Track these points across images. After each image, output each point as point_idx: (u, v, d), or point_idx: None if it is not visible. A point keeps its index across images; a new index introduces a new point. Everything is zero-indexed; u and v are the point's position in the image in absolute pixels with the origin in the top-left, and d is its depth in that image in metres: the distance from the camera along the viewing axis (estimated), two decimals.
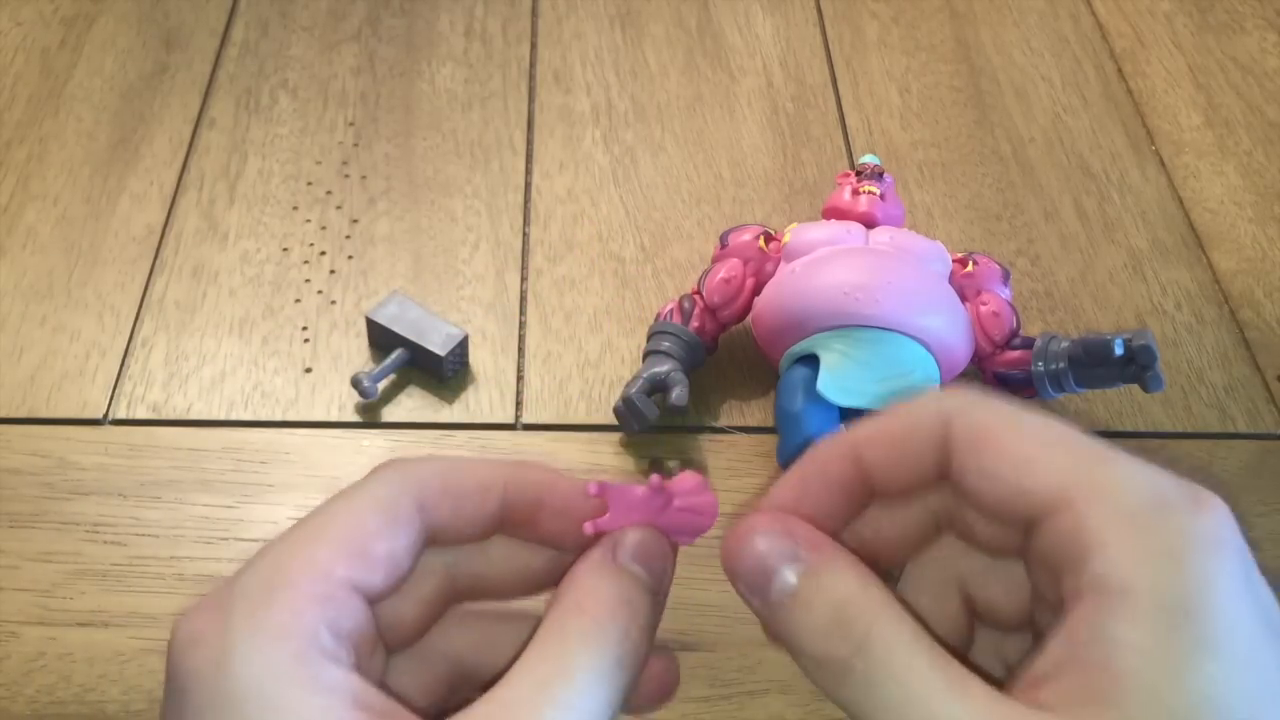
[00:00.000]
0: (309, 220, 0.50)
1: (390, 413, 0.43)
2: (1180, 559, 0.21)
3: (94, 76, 0.55)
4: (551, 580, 0.26)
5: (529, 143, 0.53)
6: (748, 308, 0.42)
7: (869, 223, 0.43)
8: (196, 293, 0.47)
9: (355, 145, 0.53)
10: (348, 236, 0.49)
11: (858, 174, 0.45)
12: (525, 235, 0.49)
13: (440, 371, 0.43)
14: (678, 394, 0.40)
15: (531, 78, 0.56)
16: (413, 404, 0.43)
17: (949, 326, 0.39)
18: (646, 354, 0.42)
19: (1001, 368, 0.41)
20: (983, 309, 0.41)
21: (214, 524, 0.40)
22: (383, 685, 0.23)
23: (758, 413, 0.44)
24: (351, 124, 0.54)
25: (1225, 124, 0.56)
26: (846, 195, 0.44)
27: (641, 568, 0.25)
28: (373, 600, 0.24)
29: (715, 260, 0.44)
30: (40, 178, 0.50)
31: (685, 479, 0.25)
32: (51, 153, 0.51)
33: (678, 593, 0.38)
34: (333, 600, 0.23)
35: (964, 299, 0.41)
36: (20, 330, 0.45)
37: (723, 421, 0.43)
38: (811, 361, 0.39)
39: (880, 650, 0.22)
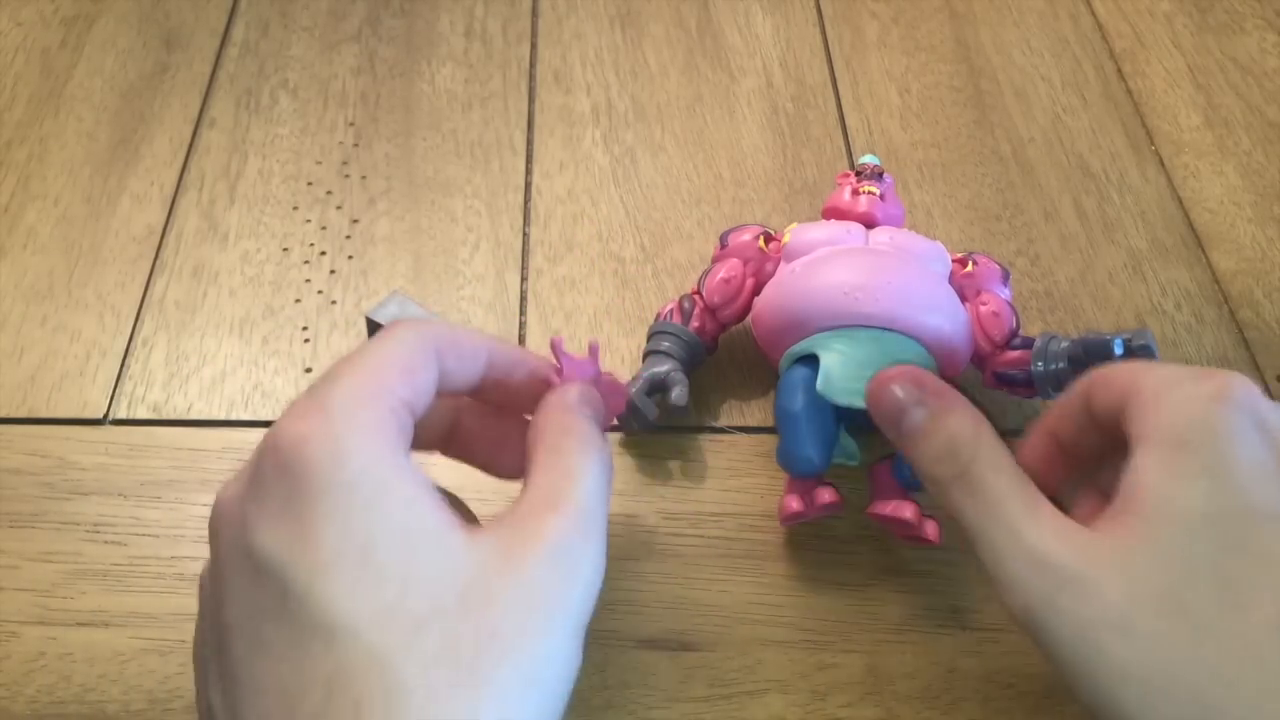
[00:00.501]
0: (309, 220, 0.50)
1: None
2: (1185, 411, 0.29)
3: (94, 76, 0.55)
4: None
5: (529, 143, 0.53)
6: (747, 308, 0.42)
7: (869, 223, 0.42)
8: (197, 293, 0.47)
9: (355, 145, 0.53)
10: (348, 236, 0.49)
11: (857, 174, 0.44)
12: (525, 235, 0.49)
13: None
14: (677, 394, 0.40)
15: (531, 78, 0.56)
16: None
17: (949, 325, 0.39)
18: (646, 354, 0.42)
19: (1001, 367, 0.41)
20: (982, 309, 0.41)
21: None
22: None
23: (758, 413, 0.44)
24: (352, 124, 0.54)
25: (1225, 124, 0.57)
26: (846, 195, 0.43)
27: (590, 410, 0.33)
28: (415, 418, 0.30)
29: (715, 260, 0.43)
30: (40, 178, 0.50)
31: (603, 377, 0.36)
32: (52, 153, 0.52)
33: (677, 592, 0.39)
34: (399, 413, 0.29)
35: (964, 299, 0.41)
36: (20, 330, 0.45)
37: (723, 421, 0.44)
38: (811, 362, 0.38)
39: (976, 475, 0.31)
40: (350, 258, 0.48)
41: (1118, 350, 0.38)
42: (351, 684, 0.25)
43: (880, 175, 0.44)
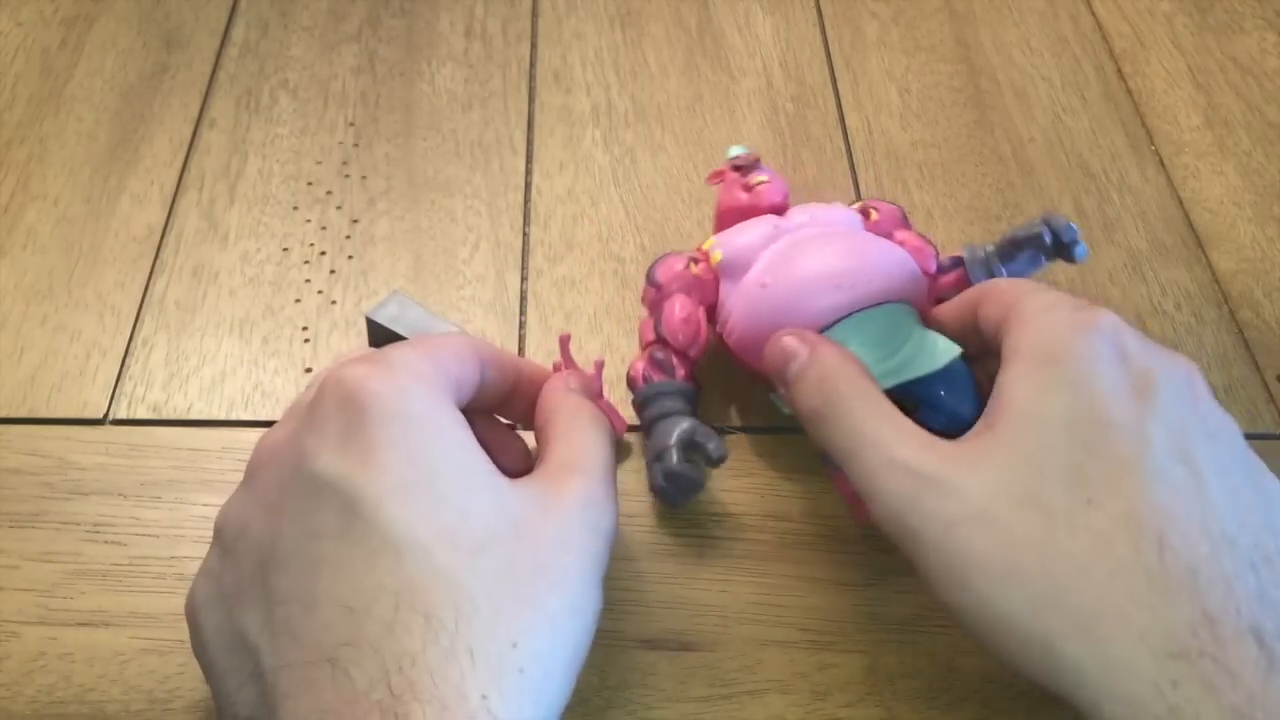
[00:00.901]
0: (309, 220, 0.50)
1: None
2: (1056, 333, 0.31)
3: (94, 77, 0.55)
4: None
5: (529, 143, 0.53)
6: (706, 340, 0.41)
7: (779, 211, 0.42)
8: (197, 293, 0.47)
9: (355, 145, 0.53)
10: (348, 236, 0.49)
11: (737, 169, 0.43)
12: (525, 235, 0.49)
13: None
14: (715, 447, 0.38)
15: (531, 78, 0.56)
16: None
17: (912, 270, 0.40)
18: (651, 421, 0.39)
19: (943, 290, 0.42)
20: (906, 247, 0.41)
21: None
22: None
23: (758, 413, 0.44)
24: (352, 124, 0.54)
25: (1225, 124, 0.57)
26: (742, 195, 0.42)
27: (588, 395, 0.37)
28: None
29: (653, 302, 0.41)
30: (40, 178, 0.50)
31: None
32: (52, 153, 0.52)
33: (678, 592, 0.39)
34: (453, 379, 0.32)
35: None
36: (20, 330, 0.45)
37: (723, 422, 0.44)
38: None
39: (843, 402, 0.33)
40: (350, 258, 0.48)
41: (1046, 238, 0.40)
42: (422, 597, 0.27)
43: (758, 162, 0.43)
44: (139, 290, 0.47)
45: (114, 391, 0.43)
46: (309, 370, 0.44)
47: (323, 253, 0.48)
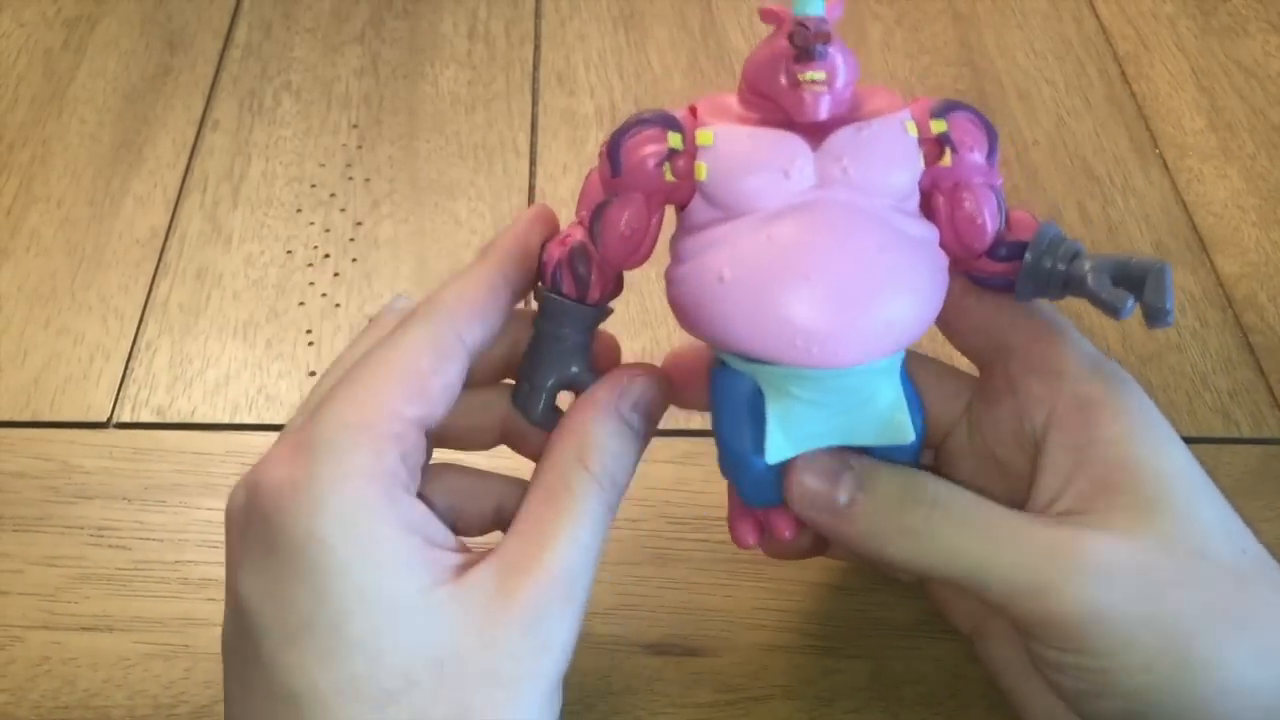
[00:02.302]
0: (313, 223, 0.50)
1: None
2: (1123, 386, 0.30)
3: (97, 78, 0.55)
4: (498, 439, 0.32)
5: (533, 145, 0.53)
6: (650, 253, 0.30)
7: (814, 131, 0.29)
8: (200, 295, 0.47)
9: (359, 147, 0.53)
10: (351, 239, 0.49)
11: (793, 39, 0.29)
12: None
13: None
14: (527, 404, 0.32)
15: (535, 80, 0.56)
16: None
17: (923, 318, 0.29)
18: (538, 336, 0.32)
19: (980, 273, 0.31)
20: (959, 211, 0.29)
21: (218, 527, 0.39)
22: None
23: None
24: (355, 126, 0.54)
25: (1229, 127, 0.56)
26: (782, 80, 0.28)
27: (640, 419, 0.30)
28: (429, 430, 0.28)
29: (605, 185, 0.30)
30: (43, 180, 0.50)
31: None
32: (55, 155, 0.51)
33: (682, 598, 0.39)
34: (404, 438, 0.27)
35: (935, 190, 0.30)
36: (24, 333, 0.45)
37: None
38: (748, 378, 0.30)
39: (947, 502, 0.29)
40: (354, 260, 0.48)
41: (1164, 280, 0.29)
42: None
43: (828, 39, 0.28)
44: (142, 293, 0.46)
45: (118, 395, 0.43)
46: (313, 374, 0.44)
47: (326, 255, 0.48)
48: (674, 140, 0.29)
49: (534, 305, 0.31)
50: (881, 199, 0.28)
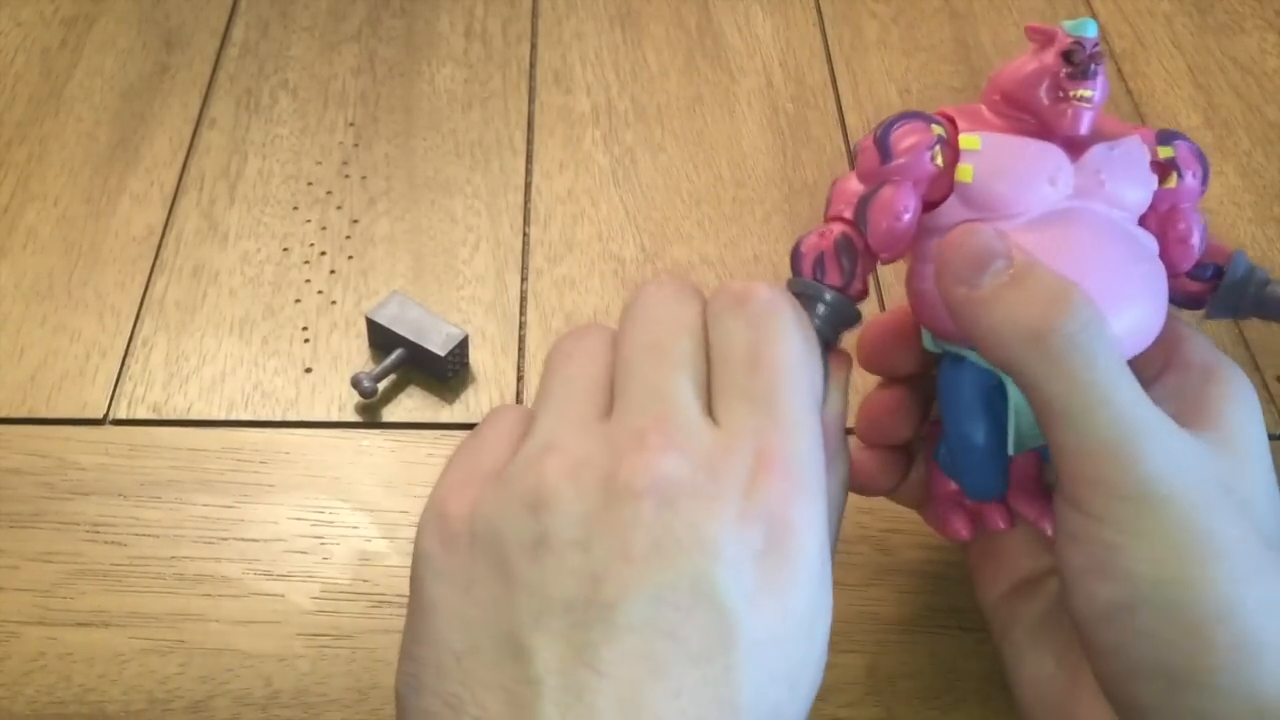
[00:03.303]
0: (309, 220, 0.50)
1: (390, 413, 0.43)
2: (1238, 372, 0.31)
3: (94, 77, 0.55)
4: None
5: (529, 143, 0.53)
6: (910, 245, 0.31)
7: (1068, 145, 0.30)
8: (197, 293, 0.47)
9: (355, 145, 0.53)
10: (348, 237, 0.49)
11: (1067, 58, 0.29)
12: (525, 235, 0.49)
13: (441, 372, 0.43)
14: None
15: (531, 78, 0.56)
16: (413, 404, 0.43)
17: (1160, 329, 0.31)
18: None
19: (1175, 290, 0.33)
20: (1172, 232, 0.32)
21: (214, 524, 0.40)
22: None
23: None
24: (352, 124, 0.54)
25: (1225, 124, 0.57)
26: (1044, 97, 0.30)
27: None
28: None
29: (870, 171, 0.30)
30: (40, 178, 0.50)
31: None
32: (52, 153, 0.52)
33: None
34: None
35: (1150, 210, 0.32)
36: (20, 330, 0.45)
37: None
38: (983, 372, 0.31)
39: (1102, 325, 0.27)
40: (350, 258, 0.48)
41: None
42: None
43: (1101, 60, 0.30)
44: (139, 290, 0.47)
45: (114, 391, 0.43)
46: (309, 371, 0.44)
47: (323, 253, 0.48)
48: (939, 130, 0.30)
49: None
50: (1125, 213, 0.31)
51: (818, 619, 0.26)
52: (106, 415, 0.43)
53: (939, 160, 0.30)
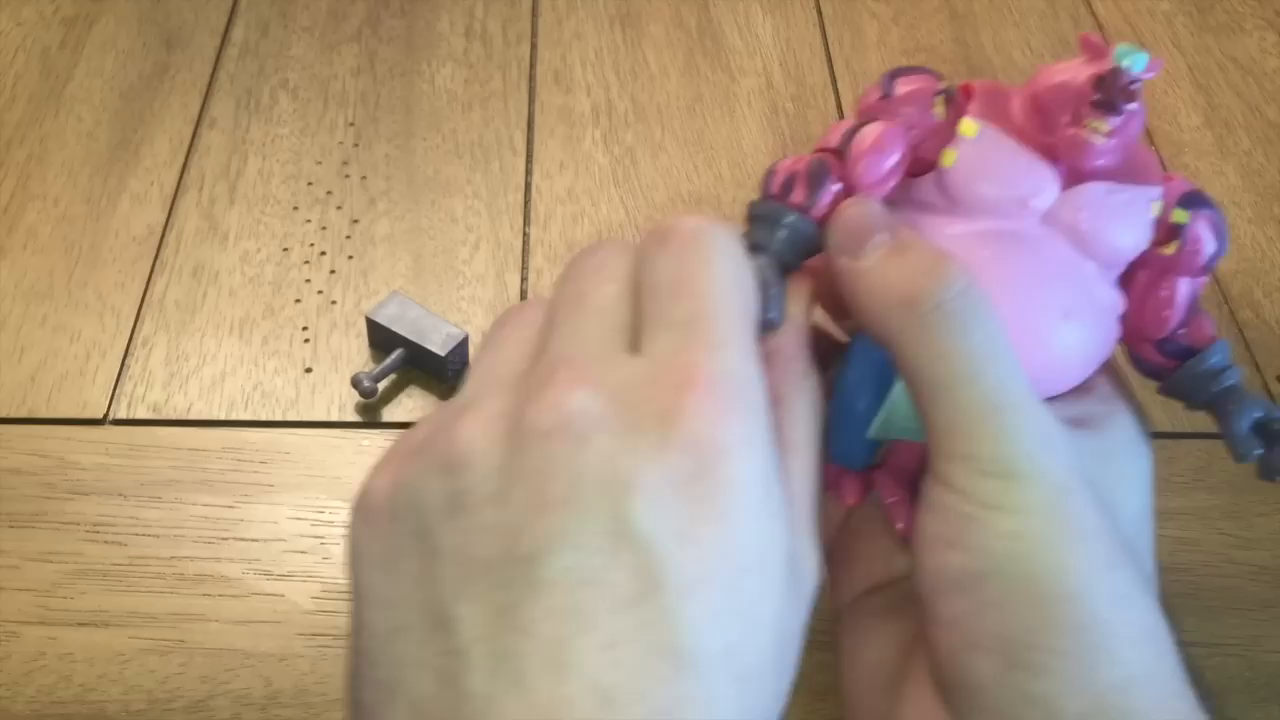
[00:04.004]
0: (309, 220, 0.50)
1: (390, 413, 0.43)
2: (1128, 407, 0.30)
3: (94, 77, 0.55)
4: None
5: (529, 143, 0.53)
6: (893, 188, 0.29)
7: (1076, 174, 0.29)
8: (197, 293, 0.47)
9: (355, 145, 0.53)
10: (348, 237, 0.49)
11: (1100, 84, 0.27)
12: (525, 235, 0.49)
13: (441, 371, 0.43)
14: (773, 315, 0.28)
15: (531, 78, 0.56)
16: (413, 404, 0.43)
17: (1060, 391, 0.30)
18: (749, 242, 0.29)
19: (1138, 354, 0.32)
20: (1151, 298, 0.30)
21: (214, 524, 0.40)
22: None
23: None
24: (352, 124, 0.54)
25: (1225, 124, 0.57)
26: (1062, 115, 0.28)
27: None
28: None
29: (868, 108, 0.29)
30: (40, 178, 0.50)
31: None
32: (52, 153, 0.52)
33: None
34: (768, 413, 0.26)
35: (1141, 269, 0.30)
36: (20, 330, 0.45)
37: None
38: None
39: (978, 296, 0.26)
40: (350, 258, 0.48)
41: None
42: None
43: (1133, 98, 0.27)
44: (139, 290, 0.47)
45: (114, 391, 0.43)
46: (309, 371, 0.44)
47: (323, 253, 0.48)
48: (949, 86, 0.29)
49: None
50: (1094, 260, 0.29)
51: (770, 548, 0.24)
52: (106, 415, 0.43)
53: (938, 111, 0.28)
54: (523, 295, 0.47)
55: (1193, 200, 0.29)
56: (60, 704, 0.35)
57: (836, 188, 0.28)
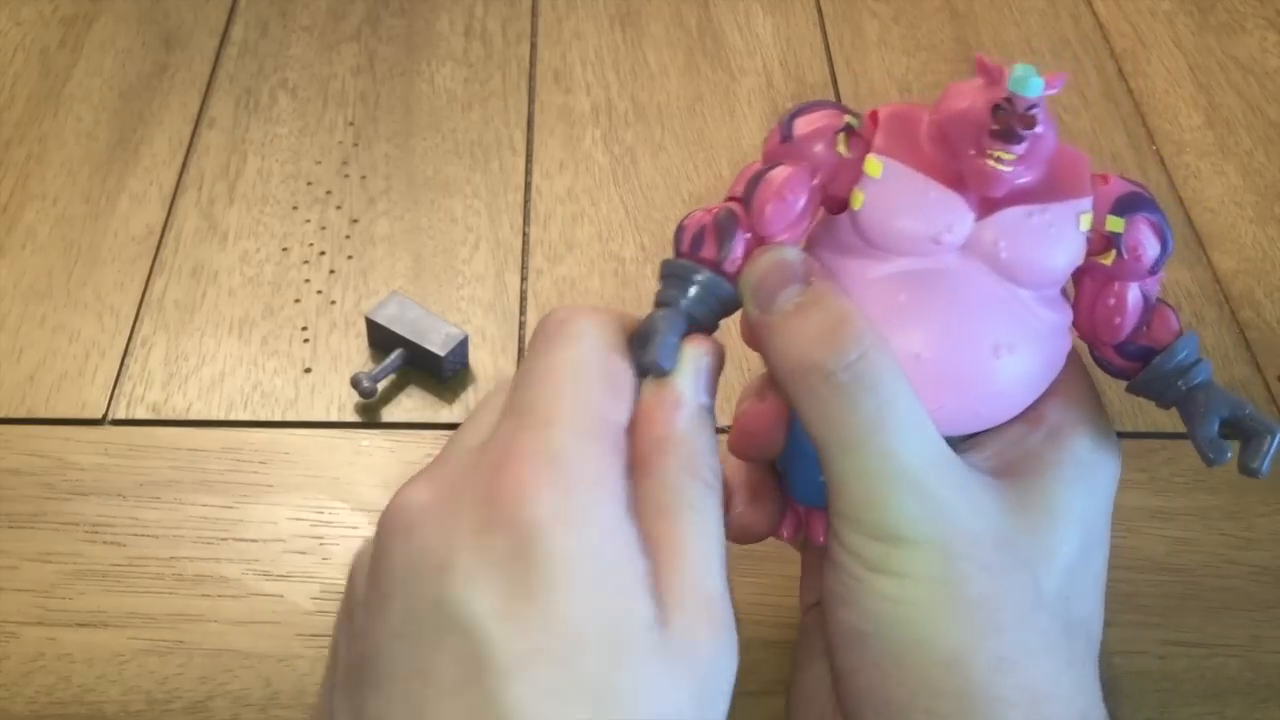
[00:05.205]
0: (309, 220, 0.50)
1: (390, 413, 0.43)
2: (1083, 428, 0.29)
3: (93, 76, 0.55)
4: None
5: (529, 142, 0.53)
6: (803, 233, 0.29)
7: (990, 202, 0.28)
8: (196, 293, 0.47)
9: (355, 145, 0.53)
10: (347, 236, 0.49)
11: (996, 113, 0.26)
12: (525, 235, 0.49)
13: (440, 371, 0.43)
14: (655, 345, 0.27)
15: (531, 77, 0.56)
16: (413, 404, 0.43)
17: (1005, 420, 0.29)
18: (659, 298, 0.29)
19: (1103, 358, 0.31)
20: (1100, 306, 0.29)
21: (213, 524, 0.40)
22: None
23: None
24: (351, 124, 0.54)
25: (1226, 124, 0.56)
26: (965, 144, 0.27)
27: (710, 396, 0.27)
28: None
29: (771, 153, 0.29)
30: (39, 177, 0.50)
31: None
32: (51, 152, 0.51)
33: None
34: (619, 448, 0.25)
35: (1085, 274, 0.29)
36: (19, 330, 0.45)
37: (721, 421, 0.43)
38: None
39: (871, 368, 0.26)
40: (350, 258, 0.48)
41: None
42: None
43: (1033, 124, 0.26)
44: (138, 290, 0.46)
45: (113, 391, 0.43)
46: (308, 371, 0.44)
47: (322, 252, 0.48)
48: (851, 120, 0.28)
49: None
50: (1025, 286, 0.28)
51: (617, 620, 0.23)
52: (106, 415, 0.43)
53: (842, 149, 0.28)
54: (522, 295, 0.47)
55: (1128, 204, 0.28)
56: (59, 704, 0.35)
57: (747, 237, 0.28)
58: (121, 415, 0.43)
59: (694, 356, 0.27)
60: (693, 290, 0.28)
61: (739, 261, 0.28)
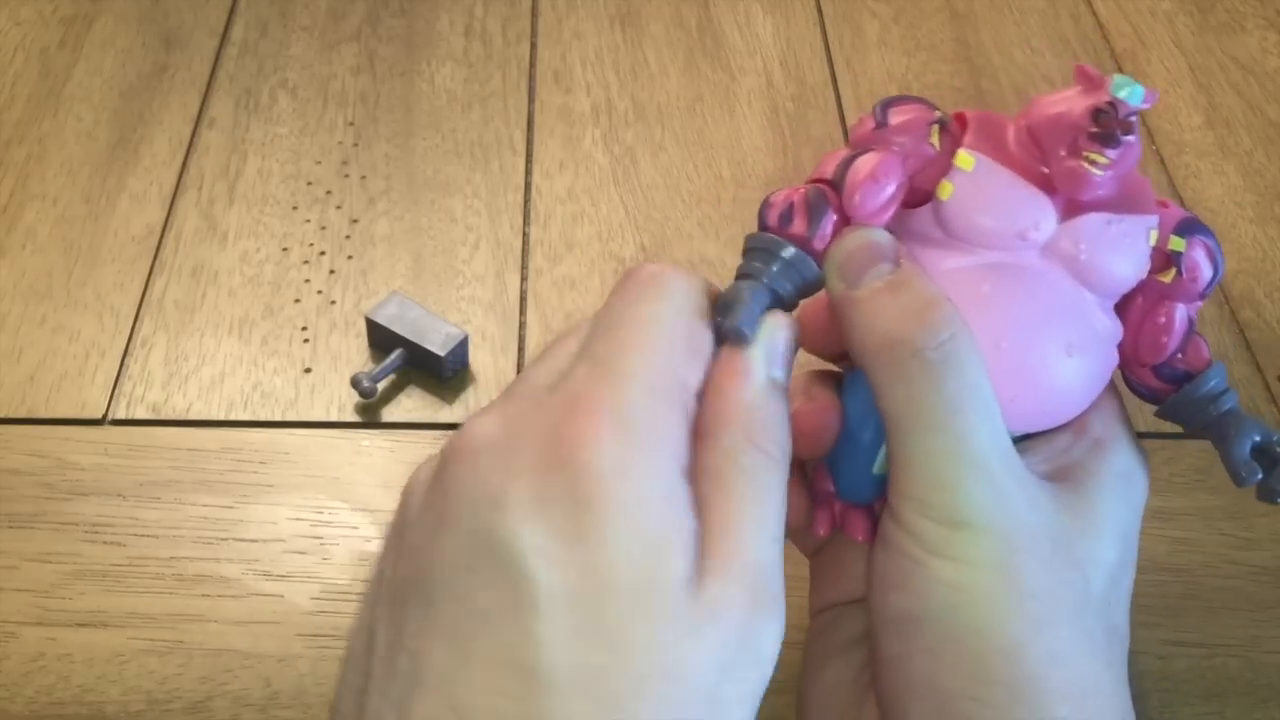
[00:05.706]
0: (309, 220, 0.50)
1: (390, 413, 0.43)
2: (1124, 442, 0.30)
3: (93, 76, 0.55)
4: None
5: (529, 142, 0.53)
6: (891, 218, 0.29)
7: (1074, 205, 0.29)
8: (196, 293, 0.47)
9: (355, 145, 0.53)
10: (347, 236, 0.49)
11: (1098, 117, 0.27)
12: (525, 235, 0.49)
13: (440, 371, 0.43)
14: (736, 314, 0.27)
15: (531, 77, 0.56)
16: (413, 404, 0.43)
17: (1066, 421, 0.30)
18: (741, 271, 0.29)
19: (1136, 379, 0.32)
20: (1149, 324, 0.30)
21: (213, 524, 0.40)
22: None
23: None
24: (351, 124, 0.54)
25: (1226, 124, 0.56)
26: (1059, 147, 0.27)
27: (784, 374, 0.27)
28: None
29: (862, 139, 0.29)
30: (39, 177, 0.50)
31: None
32: (51, 152, 0.51)
33: None
34: (688, 413, 0.25)
35: (1139, 297, 0.30)
36: (19, 330, 0.45)
37: None
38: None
39: (960, 350, 0.26)
40: (350, 258, 0.48)
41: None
42: None
43: (1131, 131, 0.27)
44: (138, 290, 0.46)
45: (113, 392, 0.43)
46: (308, 371, 0.44)
47: (322, 253, 0.48)
48: (942, 116, 0.29)
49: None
50: (1093, 291, 0.29)
51: (651, 574, 0.23)
52: (105, 415, 0.43)
53: (934, 141, 0.28)
54: (522, 295, 0.47)
55: (1188, 228, 0.30)
56: (59, 705, 0.35)
57: (834, 218, 0.28)
58: (121, 415, 0.43)
59: (772, 329, 0.27)
60: (777, 265, 0.28)
61: (828, 239, 0.28)
